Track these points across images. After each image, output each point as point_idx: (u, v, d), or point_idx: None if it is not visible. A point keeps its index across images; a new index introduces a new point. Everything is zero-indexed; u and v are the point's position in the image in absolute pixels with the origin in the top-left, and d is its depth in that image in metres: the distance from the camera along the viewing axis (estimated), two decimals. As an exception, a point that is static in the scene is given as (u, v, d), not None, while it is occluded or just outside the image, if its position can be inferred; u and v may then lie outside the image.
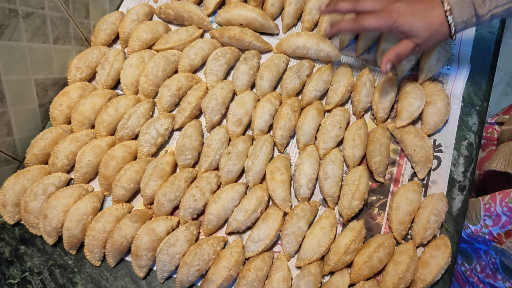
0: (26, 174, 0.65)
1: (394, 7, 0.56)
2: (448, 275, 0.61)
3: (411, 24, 0.55)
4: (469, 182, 0.66)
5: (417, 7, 0.55)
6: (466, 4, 0.53)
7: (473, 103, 0.71)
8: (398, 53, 0.58)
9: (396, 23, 0.56)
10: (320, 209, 0.66)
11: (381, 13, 0.56)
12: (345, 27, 0.60)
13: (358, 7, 0.58)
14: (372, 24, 0.57)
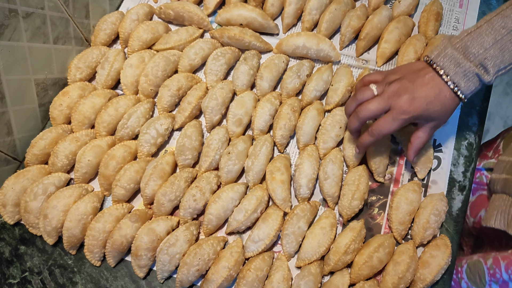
0: (26, 174, 0.65)
1: (403, 101, 0.53)
2: (448, 275, 0.61)
3: (429, 112, 0.54)
4: (469, 182, 0.66)
5: (424, 93, 0.53)
6: (471, 77, 0.52)
7: (473, 103, 0.71)
8: (423, 144, 0.58)
9: (414, 116, 0.54)
10: (320, 209, 0.66)
11: (394, 113, 0.54)
12: (369, 142, 0.58)
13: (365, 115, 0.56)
14: (392, 128, 0.55)
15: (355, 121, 0.57)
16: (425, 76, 0.54)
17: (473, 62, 0.52)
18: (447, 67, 0.53)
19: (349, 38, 0.75)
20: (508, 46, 0.51)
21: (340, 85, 0.70)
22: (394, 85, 0.54)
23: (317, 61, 0.76)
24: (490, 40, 0.51)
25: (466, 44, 0.52)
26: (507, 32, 0.50)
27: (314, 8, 0.75)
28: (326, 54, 0.73)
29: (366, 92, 0.56)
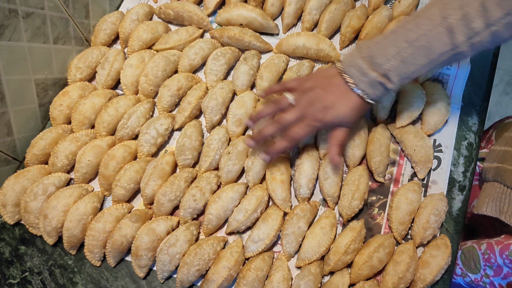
0: (26, 174, 0.65)
1: (314, 110, 0.57)
2: (448, 275, 0.61)
3: (339, 118, 0.58)
4: (469, 182, 0.66)
5: (334, 101, 0.57)
6: (376, 85, 0.55)
7: (473, 103, 0.71)
8: (339, 142, 0.60)
9: (326, 124, 0.58)
10: (320, 209, 0.66)
11: (307, 121, 0.58)
12: (283, 147, 0.60)
13: (283, 123, 0.59)
14: (304, 134, 0.58)
15: (273, 128, 0.59)
16: (336, 84, 0.58)
17: (377, 71, 0.55)
18: (355, 76, 0.56)
19: (349, 38, 0.75)
20: (408, 59, 0.53)
21: (340, 85, 0.70)
22: (308, 95, 0.58)
23: (317, 61, 0.76)
24: (393, 51, 0.53)
25: (373, 54, 0.55)
26: (407, 45, 0.53)
27: (314, 8, 0.75)
28: (326, 54, 0.73)
29: (284, 101, 0.60)
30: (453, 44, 0.51)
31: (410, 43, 0.52)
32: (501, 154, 0.65)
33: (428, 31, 0.51)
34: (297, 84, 0.61)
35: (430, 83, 0.70)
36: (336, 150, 0.60)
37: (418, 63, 0.53)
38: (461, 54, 0.52)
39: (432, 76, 0.72)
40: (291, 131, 0.59)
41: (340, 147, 0.60)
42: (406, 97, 0.68)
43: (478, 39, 0.49)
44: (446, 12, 0.50)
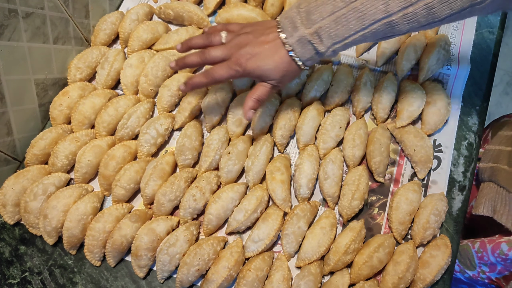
0: (26, 174, 0.65)
1: (241, 53, 0.55)
2: (448, 275, 0.61)
3: (261, 69, 0.55)
4: (469, 182, 0.66)
5: (262, 50, 0.54)
6: (305, 44, 0.52)
7: (473, 103, 0.71)
8: (257, 97, 0.57)
9: (246, 71, 0.55)
10: (320, 209, 0.66)
11: (229, 62, 0.56)
12: (199, 82, 0.58)
13: (207, 58, 0.57)
14: (224, 75, 0.56)
15: (196, 58, 0.58)
16: (269, 34, 0.55)
17: (309, 29, 0.51)
18: (286, 29, 0.53)
19: (349, 38, 0.75)
20: (342, 20, 0.50)
21: (340, 85, 0.70)
22: (240, 38, 0.56)
23: (317, 61, 0.76)
24: (328, 10, 0.50)
25: (310, 9, 0.52)
26: (343, 6, 0.50)
27: (314, 8, 0.75)
28: (326, 54, 0.73)
29: (216, 37, 0.58)
30: (387, 11, 0.48)
31: (346, 4, 0.50)
32: (495, 154, 0.66)
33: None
34: (238, 28, 0.59)
35: (430, 83, 0.70)
36: (251, 104, 0.57)
37: (351, 27, 0.50)
38: (394, 26, 0.49)
39: (432, 76, 0.72)
40: (212, 69, 0.57)
41: (257, 102, 0.58)
42: (406, 97, 0.68)
43: (411, 9, 0.47)
44: None
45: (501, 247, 0.59)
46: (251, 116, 0.58)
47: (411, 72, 0.73)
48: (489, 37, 0.76)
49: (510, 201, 0.60)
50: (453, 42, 0.76)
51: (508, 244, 0.58)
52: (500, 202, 0.61)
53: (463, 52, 0.74)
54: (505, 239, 0.59)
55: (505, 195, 0.61)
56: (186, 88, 0.60)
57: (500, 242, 0.59)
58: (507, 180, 0.61)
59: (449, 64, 0.73)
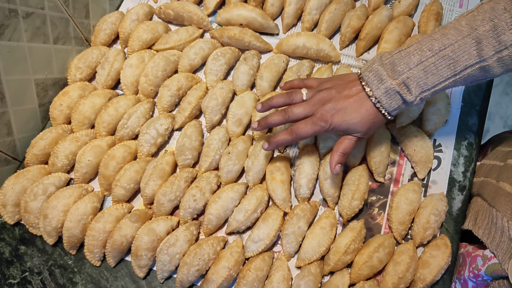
0: (26, 174, 0.65)
1: (326, 109, 0.55)
2: (448, 275, 0.61)
3: (347, 123, 0.55)
4: (469, 182, 0.66)
5: (347, 105, 0.54)
6: (393, 95, 0.53)
7: (473, 103, 0.71)
8: (343, 151, 0.57)
9: (332, 126, 0.55)
10: (320, 209, 0.66)
11: (314, 119, 0.55)
12: (283, 140, 0.58)
13: (290, 117, 0.57)
14: (309, 131, 0.56)
15: (279, 117, 0.58)
16: (352, 88, 0.55)
17: (396, 80, 0.52)
18: (371, 82, 0.53)
19: (349, 38, 0.75)
20: (431, 69, 0.51)
21: (340, 85, 0.70)
22: (322, 93, 0.56)
23: (317, 61, 0.76)
24: (415, 60, 0.51)
25: (394, 61, 0.52)
26: (432, 55, 0.50)
27: (314, 8, 0.75)
28: (326, 54, 0.73)
29: (297, 95, 0.59)
30: (480, 56, 0.48)
31: (434, 53, 0.50)
32: (488, 168, 0.64)
33: (455, 41, 0.49)
34: (316, 83, 0.59)
35: (430, 83, 0.70)
36: (338, 159, 0.57)
37: (441, 74, 0.51)
38: (488, 70, 0.49)
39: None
40: (296, 126, 0.57)
41: (343, 156, 0.57)
42: (406, 97, 0.68)
43: (507, 53, 0.47)
44: (475, 23, 0.48)
45: (477, 261, 0.57)
46: (338, 171, 0.57)
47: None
48: (489, 37, 0.76)
49: (490, 214, 0.58)
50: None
51: (483, 259, 0.56)
52: (481, 215, 0.60)
53: (463, 52, 0.74)
54: (480, 252, 0.58)
55: (486, 208, 0.59)
56: (269, 146, 0.59)
57: (476, 255, 0.58)
58: (491, 193, 0.60)
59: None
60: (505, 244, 0.54)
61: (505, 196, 0.56)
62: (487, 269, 0.55)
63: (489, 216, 0.58)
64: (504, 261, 0.53)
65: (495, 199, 0.58)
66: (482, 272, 0.56)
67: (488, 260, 0.56)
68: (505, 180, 0.58)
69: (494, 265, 0.54)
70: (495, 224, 0.56)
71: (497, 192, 0.58)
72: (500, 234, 0.55)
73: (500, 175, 0.60)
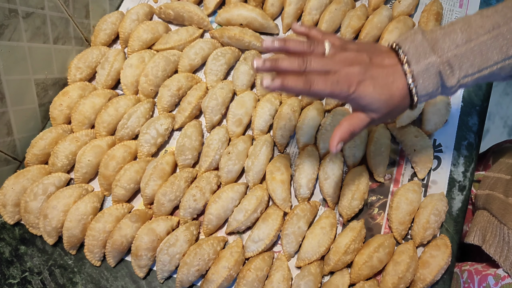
0: (26, 174, 0.65)
1: (352, 71, 0.44)
2: (448, 275, 0.61)
3: (372, 98, 0.45)
4: (469, 182, 0.66)
5: (378, 74, 0.45)
6: (432, 75, 0.44)
7: (473, 103, 0.71)
8: (352, 130, 0.47)
9: (354, 94, 0.45)
10: (320, 209, 0.66)
11: (338, 77, 0.44)
12: (294, 85, 0.45)
13: (308, 67, 0.45)
14: (327, 90, 0.44)
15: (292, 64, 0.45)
16: (386, 58, 0.46)
17: (441, 57, 0.44)
18: (412, 54, 0.45)
19: (349, 38, 0.75)
20: (482, 48, 0.44)
21: (340, 85, 0.70)
22: (349, 53, 0.46)
23: (317, 61, 0.76)
24: (464, 37, 0.44)
25: (437, 37, 0.45)
26: (484, 33, 0.43)
27: (314, 8, 0.75)
28: (326, 54, 0.73)
29: (319, 46, 0.47)
30: None
31: (486, 30, 0.43)
32: (493, 181, 0.63)
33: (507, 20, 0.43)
34: (340, 42, 0.48)
35: (430, 83, 0.70)
36: (342, 135, 0.47)
37: (491, 57, 0.43)
38: None
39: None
40: (313, 77, 0.45)
41: (349, 134, 0.47)
42: (406, 97, 0.68)
43: None
44: None
45: (488, 280, 0.56)
46: (339, 149, 0.47)
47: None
48: (489, 37, 0.76)
49: (500, 232, 0.56)
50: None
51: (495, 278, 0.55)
52: (491, 232, 0.58)
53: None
54: (491, 271, 0.57)
55: (496, 225, 0.58)
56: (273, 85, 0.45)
57: (487, 274, 0.57)
58: (500, 209, 0.58)
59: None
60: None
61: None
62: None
63: (500, 234, 0.57)
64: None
65: (506, 216, 0.56)
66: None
67: (501, 280, 0.55)
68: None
69: (508, 285, 0.53)
70: (507, 243, 0.55)
71: (506, 209, 0.57)
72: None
73: (507, 190, 0.58)
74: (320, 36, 0.49)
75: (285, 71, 0.46)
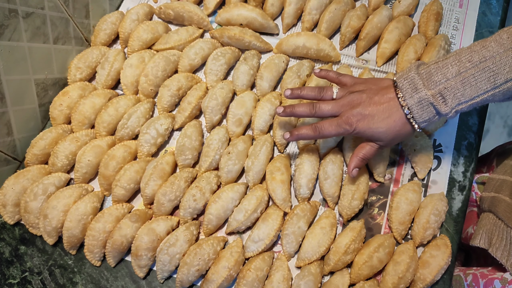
0: (26, 174, 0.65)
1: (352, 113, 0.54)
2: (448, 275, 0.61)
3: (372, 131, 0.54)
4: (469, 182, 0.66)
5: (375, 112, 0.54)
6: (426, 106, 0.51)
7: (473, 103, 0.71)
8: (363, 157, 0.57)
9: (356, 131, 0.55)
10: (320, 209, 0.66)
11: (340, 120, 0.55)
12: (305, 134, 0.57)
13: (317, 112, 0.56)
14: (332, 132, 0.55)
15: (305, 109, 0.57)
16: (384, 95, 0.54)
17: (432, 90, 0.51)
18: (405, 90, 0.52)
19: (349, 38, 0.75)
20: (470, 80, 0.49)
21: (340, 85, 0.70)
22: (352, 95, 0.55)
23: (317, 61, 0.76)
24: (453, 71, 0.50)
25: (431, 71, 0.51)
26: (471, 66, 0.49)
27: (314, 8, 0.75)
28: (326, 54, 0.73)
29: (328, 92, 0.58)
30: None
31: (474, 64, 0.49)
32: (498, 183, 0.63)
33: (496, 53, 0.48)
34: (351, 82, 0.58)
35: (430, 83, 0.70)
36: (356, 163, 0.58)
37: (480, 86, 0.49)
38: None
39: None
40: (320, 124, 0.56)
41: (362, 161, 0.58)
42: (406, 97, 0.68)
43: None
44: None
45: (494, 284, 0.56)
46: (355, 175, 0.58)
47: (411, 72, 0.73)
48: (489, 37, 0.76)
49: (507, 235, 0.57)
50: (453, 42, 0.76)
51: (502, 282, 0.55)
52: (497, 235, 0.58)
53: (463, 52, 0.74)
54: (498, 275, 0.56)
55: (502, 228, 0.58)
56: (291, 137, 0.58)
57: (493, 278, 0.57)
58: (506, 212, 0.58)
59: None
60: None
61: None
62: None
63: (506, 237, 0.57)
64: None
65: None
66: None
67: (508, 284, 0.54)
68: None
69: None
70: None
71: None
72: None
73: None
74: (335, 78, 0.60)
75: (301, 116, 0.58)
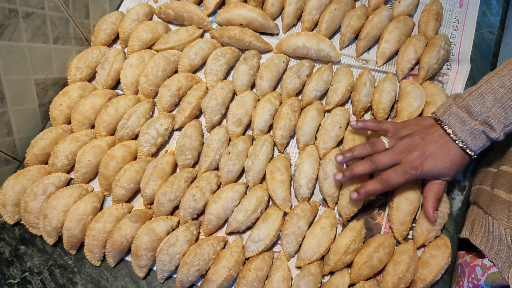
0: (26, 174, 0.65)
1: (413, 157, 0.56)
2: (448, 275, 0.61)
3: (438, 169, 0.56)
4: (469, 182, 0.66)
5: (435, 150, 0.56)
6: (478, 135, 0.54)
7: (473, 103, 0.71)
8: (437, 197, 0.59)
9: (423, 173, 0.56)
10: (320, 209, 0.66)
11: (404, 167, 0.56)
12: (374, 189, 0.57)
13: (378, 166, 0.57)
14: (400, 180, 0.56)
15: (365, 167, 0.57)
16: (434, 133, 0.57)
17: (477, 120, 0.54)
18: (454, 125, 0.55)
19: (349, 38, 0.75)
20: (509, 104, 0.53)
21: (340, 85, 0.70)
22: (405, 141, 0.57)
23: (317, 61, 0.76)
24: (491, 99, 0.53)
25: (469, 103, 0.55)
26: (506, 91, 0.53)
27: (314, 8, 0.75)
28: (326, 54, 0.73)
29: (379, 144, 0.59)
30: None
31: (508, 89, 0.52)
32: (482, 175, 0.65)
33: None
34: (392, 128, 0.60)
35: (430, 83, 0.70)
36: (434, 205, 0.58)
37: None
38: None
39: (432, 76, 0.72)
40: (385, 175, 0.57)
41: (438, 202, 0.59)
42: (406, 97, 0.68)
43: None
44: None
45: (476, 271, 0.57)
46: (437, 217, 0.59)
47: (411, 72, 0.73)
48: (489, 37, 0.76)
49: (486, 222, 0.58)
50: (453, 42, 0.76)
51: (482, 269, 0.56)
52: (478, 223, 0.60)
53: (463, 52, 0.74)
54: (478, 262, 0.57)
55: (482, 216, 0.59)
56: (359, 196, 0.58)
57: (475, 265, 0.57)
58: (487, 201, 0.60)
59: (449, 64, 0.73)
60: (504, 252, 0.54)
61: (501, 204, 0.56)
62: (487, 279, 0.55)
63: (485, 225, 0.58)
64: (504, 270, 0.52)
65: (491, 206, 0.58)
66: (482, 282, 0.55)
67: (487, 270, 0.55)
68: (500, 187, 0.58)
69: (494, 274, 0.54)
70: (492, 233, 0.56)
71: (492, 200, 0.58)
72: (498, 242, 0.55)
73: (494, 182, 0.60)
74: (376, 127, 0.61)
75: (362, 175, 0.58)
